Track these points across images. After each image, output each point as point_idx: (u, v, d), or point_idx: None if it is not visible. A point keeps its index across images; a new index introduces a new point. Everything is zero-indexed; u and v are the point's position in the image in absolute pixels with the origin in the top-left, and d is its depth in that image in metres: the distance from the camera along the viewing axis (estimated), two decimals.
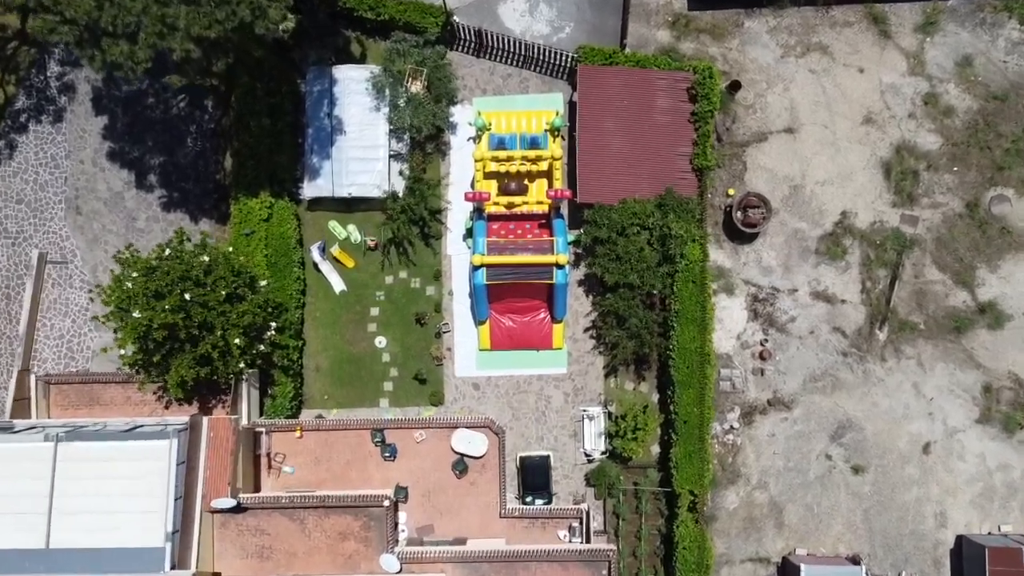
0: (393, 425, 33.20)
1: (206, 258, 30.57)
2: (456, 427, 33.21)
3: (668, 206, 33.48)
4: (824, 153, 36.37)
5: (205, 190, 36.77)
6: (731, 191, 36.14)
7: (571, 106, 36.18)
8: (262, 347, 32.12)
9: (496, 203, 34.67)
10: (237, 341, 30.21)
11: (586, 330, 36.29)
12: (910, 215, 36.18)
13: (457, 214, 36.37)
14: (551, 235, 34.19)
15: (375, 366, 36.26)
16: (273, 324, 32.41)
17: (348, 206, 36.41)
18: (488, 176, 35.10)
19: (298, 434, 33.19)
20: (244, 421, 32.48)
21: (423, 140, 36.14)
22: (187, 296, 29.38)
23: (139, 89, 36.64)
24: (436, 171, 36.42)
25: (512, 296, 34.87)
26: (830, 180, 36.33)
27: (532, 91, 36.56)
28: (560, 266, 33.30)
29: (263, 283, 32.27)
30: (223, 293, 30.35)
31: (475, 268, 33.49)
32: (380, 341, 36.18)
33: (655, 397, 36.21)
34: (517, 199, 34.61)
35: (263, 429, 32.72)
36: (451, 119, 36.31)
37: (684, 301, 33.86)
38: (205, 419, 30.38)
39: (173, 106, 36.80)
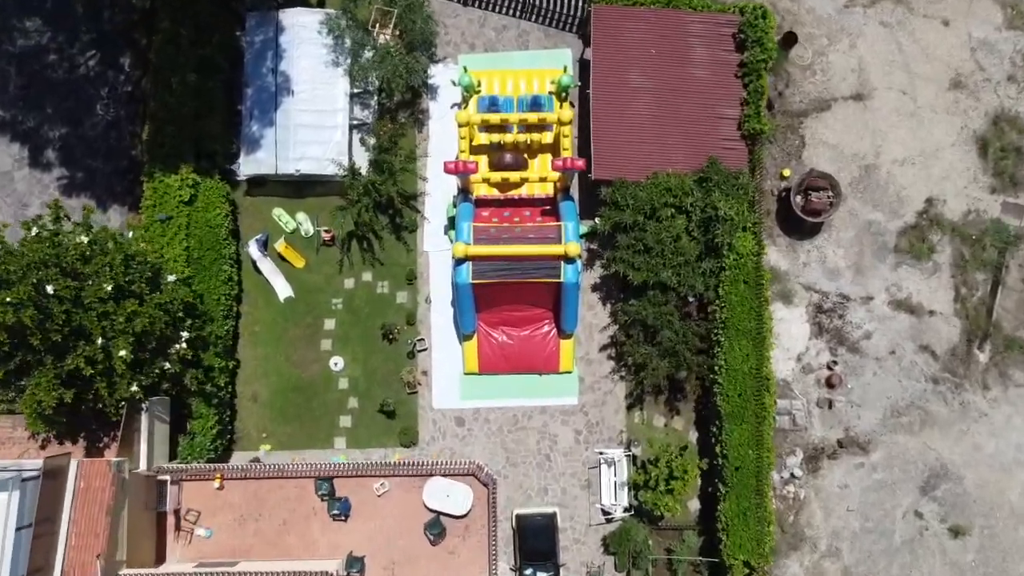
0: (345, 472, 23.18)
1: (84, 239, 20.93)
2: (431, 475, 23.22)
3: (712, 182, 23.93)
4: (902, 125, 27.01)
5: (117, 169, 27.26)
6: (786, 172, 26.67)
7: (583, 66, 26.95)
8: (168, 365, 22.25)
9: (487, 179, 25.11)
10: (123, 354, 20.38)
11: (603, 348, 26.44)
12: (1014, 203, 26.72)
13: (436, 199, 26.80)
14: (558, 220, 24.55)
15: (329, 395, 26.36)
16: (185, 334, 22.59)
17: (298, 190, 26.88)
18: (477, 151, 25.67)
19: (218, 484, 23.20)
20: (142, 465, 22.51)
21: (395, 107, 26.80)
22: (49, 288, 19.66)
23: (38, 44, 27.37)
24: (411, 146, 26.96)
25: (507, 302, 25.12)
26: (911, 159, 26.91)
27: (533, 47, 27.29)
28: (570, 259, 23.61)
29: (171, 278, 22.52)
30: (108, 288, 20.64)
31: (458, 263, 23.80)
32: (336, 363, 26.34)
33: (693, 436, 26.23)
34: (514, 175, 25.05)
35: (168, 477, 22.69)
36: (430, 80, 26.98)
37: (734, 307, 24.11)
38: (74, 462, 20.40)
39: (80, 64, 27.48)
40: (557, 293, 24.62)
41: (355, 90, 26.34)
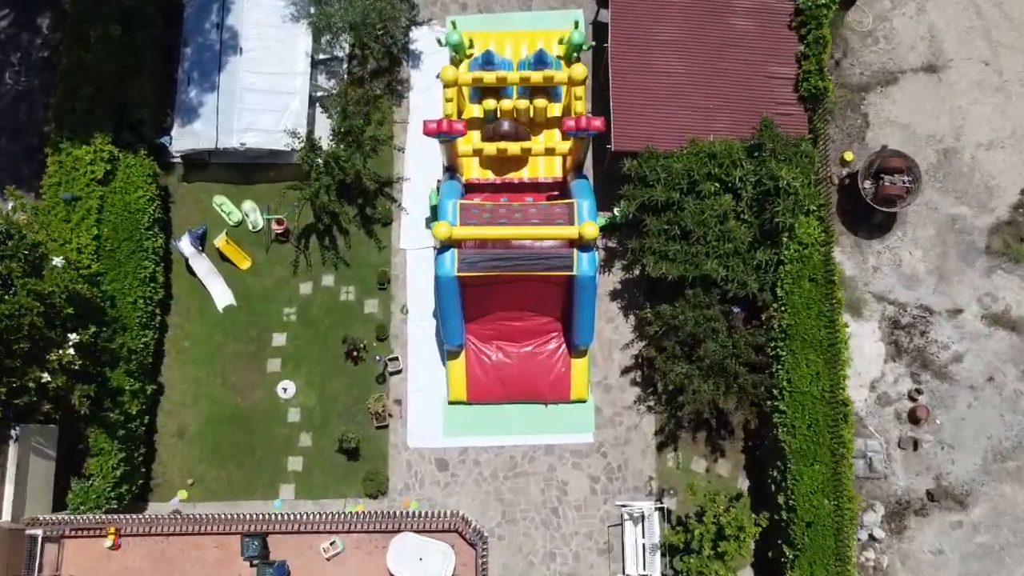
0: (281, 527, 16.59)
1: None
2: (399, 530, 16.64)
3: (766, 150, 18.09)
4: (987, 102, 21.43)
5: (26, 147, 21.48)
6: (848, 155, 20.94)
7: (597, 30, 21.55)
8: (45, 377, 15.95)
9: (479, 151, 19.26)
10: None
11: (626, 370, 20.17)
12: None
13: (416, 186, 20.95)
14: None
15: (276, 430, 19.95)
16: (73, 337, 16.38)
17: (247, 174, 21.09)
18: (468, 127, 19.88)
19: (110, 542, 16.61)
20: (3, 515, 16.00)
21: (368, 76, 21.25)
22: None
23: None
24: (386, 118, 21.27)
25: (504, 307, 18.99)
26: (999, 142, 21.25)
27: (537, 7, 21.89)
28: (586, 246, 17.57)
29: (57, 261, 16.45)
30: None
31: (440, 250, 17.74)
32: (285, 388, 20.04)
33: (743, 484, 19.72)
34: (513, 146, 19.21)
35: (41, 532, 16.11)
36: (411, 44, 21.54)
37: (798, 311, 17.96)
38: None
39: None
40: (568, 295, 18.49)
41: (321, 56, 20.94)
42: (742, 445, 19.73)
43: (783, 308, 17.99)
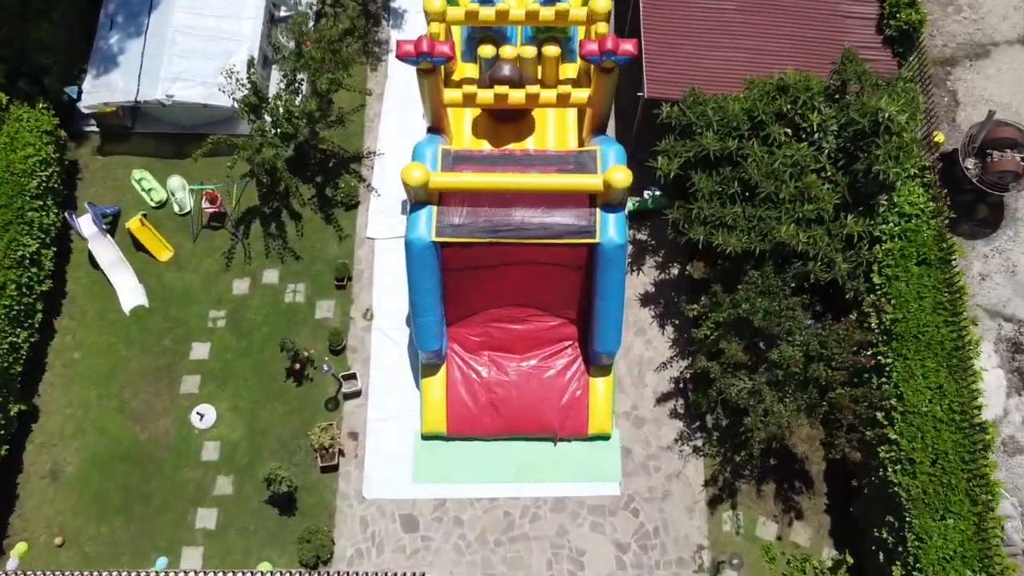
0: None
1: None
2: None
3: (847, 91, 13.28)
4: None
5: None
6: (939, 136, 16.13)
7: None
8: None
9: (470, 96, 14.34)
10: None
11: (664, 398, 14.62)
12: None
13: (391, 162, 16.09)
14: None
15: (184, 472, 14.23)
16: None
17: (178, 146, 16.30)
18: (458, 83, 15.16)
19: None
20: None
21: (339, 37, 16.84)
22: None
23: None
24: (359, 65, 16.72)
25: (499, 301, 13.69)
26: None
27: None
28: (613, 204, 12.47)
29: None
30: None
31: (413, 208, 12.63)
32: (202, 415, 14.47)
33: (829, 552, 13.74)
34: (516, 92, 14.35)
35: None
36: (393, 2, 17.31)
37: (906, 304, 12.67)
38: None
39: None
40: (587, 284, 13.24)
41: (284, 12, 16.74)
42: (825, 502, 13.94)
43: (886, 298, 12.69)
